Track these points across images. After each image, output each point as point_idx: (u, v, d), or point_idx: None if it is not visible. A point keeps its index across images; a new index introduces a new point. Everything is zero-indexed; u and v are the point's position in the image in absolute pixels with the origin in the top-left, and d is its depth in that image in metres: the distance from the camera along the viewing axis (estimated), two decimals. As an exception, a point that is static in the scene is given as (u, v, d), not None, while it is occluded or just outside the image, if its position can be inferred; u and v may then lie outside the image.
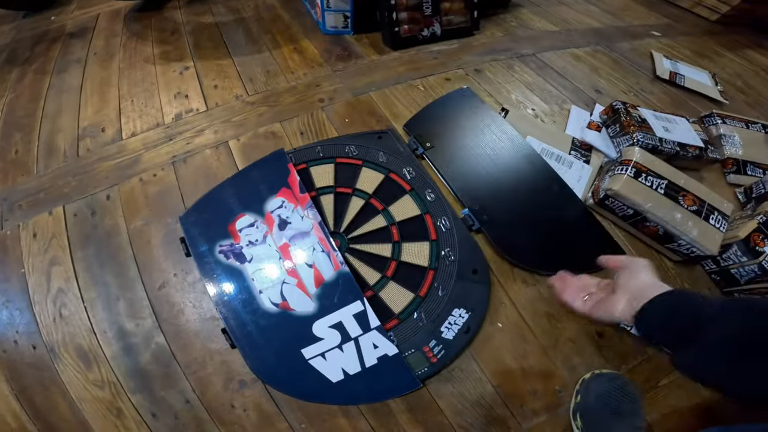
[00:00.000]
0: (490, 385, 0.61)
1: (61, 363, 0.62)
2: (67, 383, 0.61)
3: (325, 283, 0.59)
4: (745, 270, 0.66)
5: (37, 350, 0.63)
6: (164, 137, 0.83)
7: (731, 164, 0.85)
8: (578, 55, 1.06)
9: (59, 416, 0.60)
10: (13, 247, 0.72)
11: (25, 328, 0.65)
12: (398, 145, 0.75)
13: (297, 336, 0.56)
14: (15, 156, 0.85)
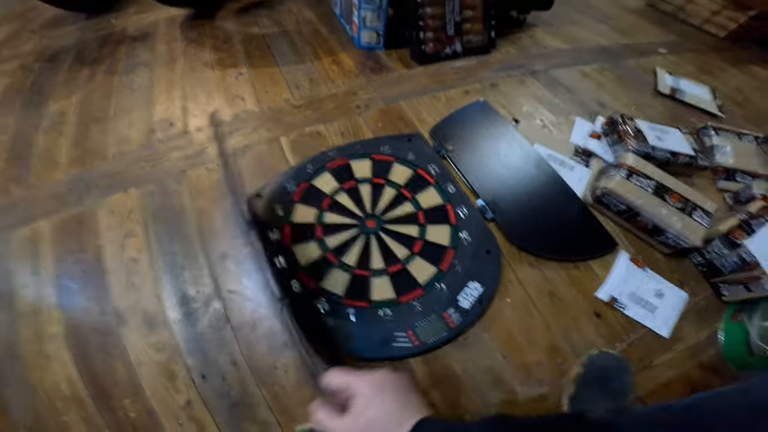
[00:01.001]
0: (499, 355, 0.70)
1: (127, 327, 0.69)
2: (129, 348, 0.67)
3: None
4: (727, 261, 0.76)
5: (105, 316, 0.70)
6: (225, 132, 0.97)
7: (721, 172, 0.95)
8: (585, 72, 1.18)
9: (115, 381, 0.65)
10: (89, 222, 0.81)
11: (96, 294, 0.72)
12: (425, 147, 0.89)
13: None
14: (92, 144, 0.97)
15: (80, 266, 0.76)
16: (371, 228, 0.77)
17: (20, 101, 1.11)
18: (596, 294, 0.76)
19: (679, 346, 0.74)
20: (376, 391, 0.42)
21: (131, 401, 0.65)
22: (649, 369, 0.69)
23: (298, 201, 0.80)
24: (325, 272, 0.72)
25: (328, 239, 0.75)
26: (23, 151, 0.97)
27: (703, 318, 0.77)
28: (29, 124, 1.04)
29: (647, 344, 0.73)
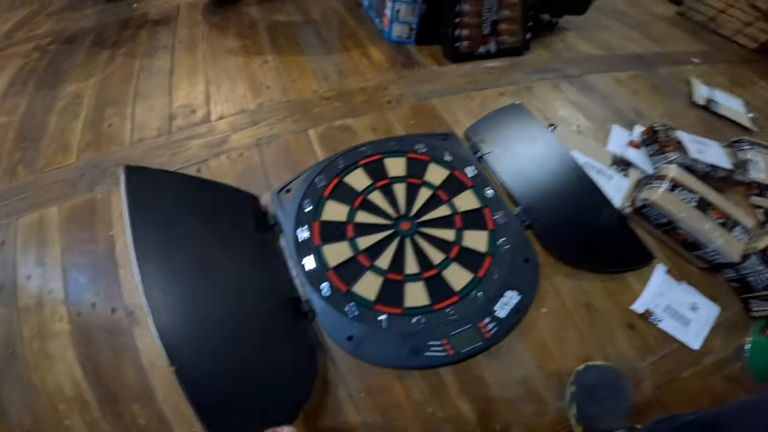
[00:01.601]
0: (533, 365, 0.68)
1: (139, 327, 0.65)
2: (142, 349, 0.64)
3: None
4: (761, 278, 0.75)
5: (115, 313, 0.66)
6: (249, 122, 0.93)
7: (755, 187, 0.93)
8: (620, 79, 1.15)
9: (124, 383, 0.62)
10: (102, 210, 0.78)
11: (106, 290, 0.68)
12: (460, 148, 0.86)
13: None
14: (108, 128, 0.94)
15: (90, 258, 0.73)
16: (405, 230, 0.73)
17: (33, 82, 1.08)
18: (632, 307, 0.74)
19: (707, 359, 0.72)
20: None
21: (141, 406, 0.62)
22: (677, 381, 0.68)
23: (328, 197, 0.76)
24: (356, 275, 0.68)
25: (360, 240, 0.72)
26: (33, 133, 0.93)
27: (732, 332, 0.76)
28: (42, 105, 1.01)
29: (677, 357, 0.72)
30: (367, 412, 0.63)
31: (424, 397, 0.65)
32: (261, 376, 0.61)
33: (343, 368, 0.66)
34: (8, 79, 1.10)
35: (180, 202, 0.69)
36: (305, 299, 0.67)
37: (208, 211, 0.71)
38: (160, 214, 0.65)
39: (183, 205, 0.69)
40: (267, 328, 0.64)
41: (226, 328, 0.62)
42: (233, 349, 0.61)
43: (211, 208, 0.71)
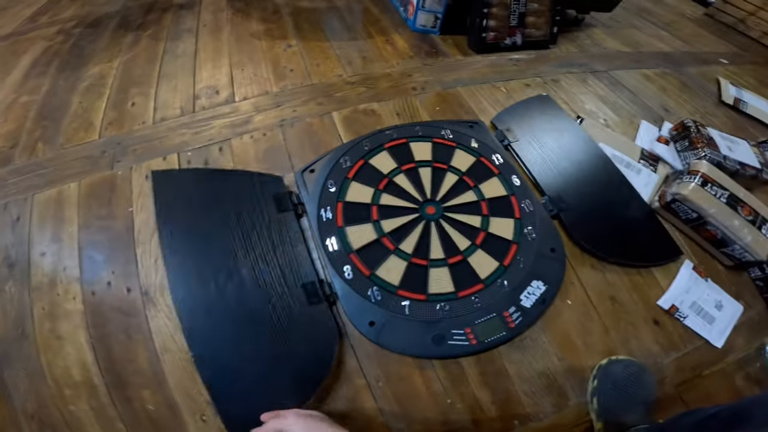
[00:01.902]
0: (555, 357, 0.67)
1: (154, 308, 0.64)
2: (155, 331, 0.63)
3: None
4: None
5: (131, 293, 0.65)
6: (273, 103, 0.93)
7: None
8: (648, 75, 1.13)
9: (135, 368, 0.61)
10: (123, 186, 0.77)
11: (123, 268, 0.67)
12: (487, 135, 0.84)
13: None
14: (131, 108, 0.93)
15: (108, 234, 0.71)
16: (431, 214, 0.72)
17: (57, 63, 1.07)
18: (658, 302, 0.73)
19: (729, 357, 0.71)
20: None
21: (151, 392, 0.60)
22: (698, 379, 0.68)
23: (353, 178, 0.75)
24: (379, 258, 0.67)
25: (384, 222, 0.70)
26: (55, 112, 0.93)
27: (755, 331, 0.75)
28: (65, 85, 1.00)
29: (700, 355, 0.71)
30: (384, 400, 0.62)
31: (444, 387, 0.63)
32: (276, 359, 0.61)
33: (362, 354, 0.64)
34: (31, 60, 1.10)
35: (201, 196, 0.72)
36: (327, 282, 0.66)
37: (228, 199, 0.72)
38: (184, 211, 0.69)
39: (204, 198, 0.71)
40: (285, 311, 0.63)
41: (243, 311, 0.63)
42: (249, 331, 0.62)
43: (231, 197, 0.72)
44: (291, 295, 0.65)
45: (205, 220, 0.69)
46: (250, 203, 0.72)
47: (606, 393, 0.61)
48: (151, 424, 0.59)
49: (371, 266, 0.66)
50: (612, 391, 0.61)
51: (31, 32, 1.24)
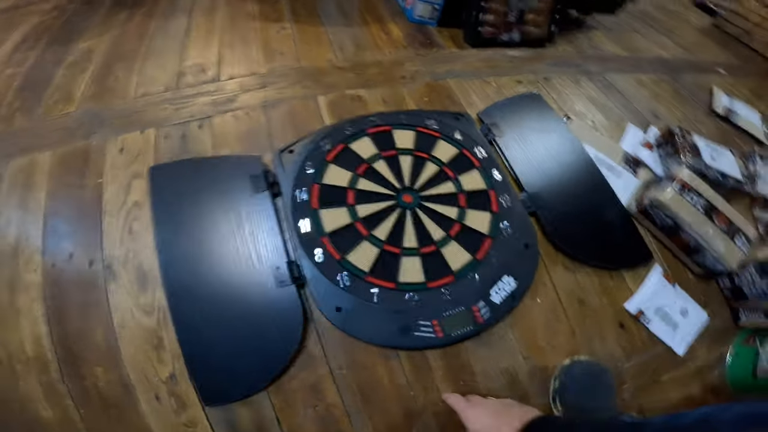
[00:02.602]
0: (520, 356, 0.66)
1: (115, 283, 0.62)
2: (114, 306, 0.61)
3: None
4: (756, 288, 0.75)
5: (93, 266, 0.63)
6: (259, 84, 0.91)
7: (761, 201, 0.91)
8: (642, 81, 1.12)
9: (89, 343, 0.59)
10: (95, 157, 0.75)
11: (86, 240, 0.65)
12: (472, 128, 0.84)
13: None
14: (114, 82, 0.91)
15: (74, 205, 0.69)
16: (408, 202, 0.71)
17: (47, 38, 1.05)
18: (625, 305, 0.74)
19: (688, 365, 0.73)
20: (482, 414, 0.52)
21: (104, 369, 0.59)
22: (656, 384, 0.69)
23: (331, 161, 0.74)
24: (352, 243, 0.66)
25: (360, 207, 0.70)
26: (37, 84, 0.90)
27: (716, 340, 0.76)
28: (51, 59, 0.97)
29: (661, 360, 0.72)
30: (346, 389, 0.62)
31: (408, 380, 0.63)
32: (245, 338, 0.60)
33: (327, 341, 0.64)
34: (22, 34, 1.07)
35: (185, 183, 0.71)
36: (296, 264, 0.65)
37: (207, 183, 0.71)
38: (171, 202, 0.69)
39: (187, 185, 0.71)
40: (255, 292, 0.63)
41: (216, 291, 0.62)
42: (221, 310, 0.61)
43: (211, 180, 0.72)
44: (261, 276, 0.64)
45: (190, 206, 0.69)
46: (227, 184, 0.71)
47: (567, 394, 0.62)
48: (102, 402, 0.58)
49: (343, 251, 0.65)
50: (573, 392, 0.61)
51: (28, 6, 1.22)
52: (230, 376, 0.59)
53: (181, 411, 0.59)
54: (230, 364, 0.59)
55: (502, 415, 0.50)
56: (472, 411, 0.53)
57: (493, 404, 0.53)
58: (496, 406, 0.53)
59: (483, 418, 0.51)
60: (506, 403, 0.54)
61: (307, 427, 0.60)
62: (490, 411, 0.52)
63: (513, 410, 0.51)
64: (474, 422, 0.52)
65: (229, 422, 0.59)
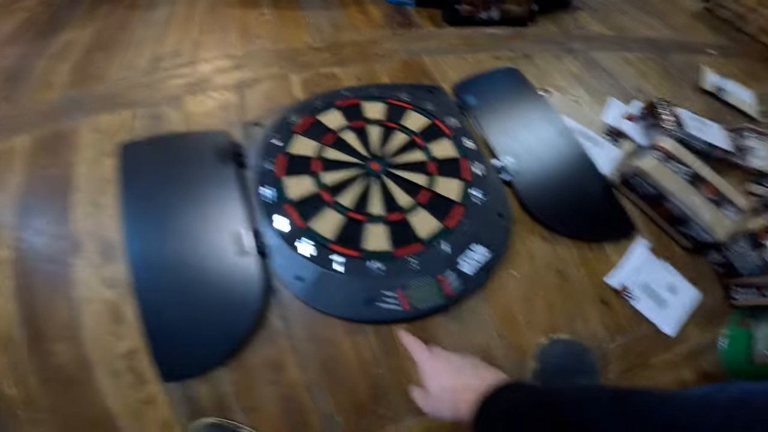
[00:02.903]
0: (495, 333, 0.63)
1: (80, 256, 0.63)
2: (78, 281, 0.61)
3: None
4: (748, 263, 0.70)
5: (60, 241, 0.64)
6: (234, 66, 0.91)
7: (753, 174, 0.88)
8: (628, 59, 1.10)
9: (53, 320, 0.59)
10: (69, 138, 0.76)
11: (56, 216, 0.66)
12: (445, 100, 0.82)
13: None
14: (94, 69, 0.92)
15: (47, 183, 0.70)
16: (375, 170, 0.70)
17: (32, 32, 1.06)
18: (607, 280, 0.70)
19: (680, 347, 0.68)
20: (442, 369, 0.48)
21: (66, 346, 0.58)
22: (644, 367, 0.65)
23: (299, 133, 0.73)
24: (315, 210, 0.65)
25: (325, 175, 0.68)
26: (21, 74, 0.92)
27: (709, 320, 0.71)
28: (35, 52, 0.99)
29: (649, 341, 0.68)
30: (309, 365, 0.60)
31: (375, 356, 0.61)
32: (205, 310, 0.59)
33: (290, 313, 0.62)
34: (9, 30, 1.09)
35: (153, 161, 0.71)
36: (258, 233, 0.63)
37: (176, 158, 0.71)
38: (139, 177, 0.69)
39: (156, 163, 0.70)
40: (216, 262, 0.61)
41: (178, 263, 0.61)
42: (183, 282, 0.60)
43: (179, 155, 0.71)
44: (222, 247, 0.62)
45: (157, 181, 0.68)
46: (193, 159, 0.71)
47: (547, 374, 0.58)
48: (64, 380, 0.57)
49: (306, 218, 0.64)
50: (553, 373, 0.58)
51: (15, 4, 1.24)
52: (189, 351, 0.57)
53: (140, 387, 0.57)
54: (189, 338, 0.58)
55: (462, 376, 0.45)
56: (431, 365, 0.49)
57: (456, 362, 0.48)
58: (459, 363, 0.48)
59: (441, 377, 0.47)
60: (471, 363, 0.48)
61: (268, 404, 0.58)
62: (452, 369, 0.47)
63: (477, 372, 0.46)
64: (430, 379, 0.47)
65: (188, 398, 0.57)
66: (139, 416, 0.56)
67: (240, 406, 0.57)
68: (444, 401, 0.45)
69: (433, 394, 0.46)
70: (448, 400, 0.44)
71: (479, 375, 0.45)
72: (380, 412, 0.59)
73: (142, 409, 0.56)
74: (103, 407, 0.56)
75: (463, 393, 0.43)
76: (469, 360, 0.49)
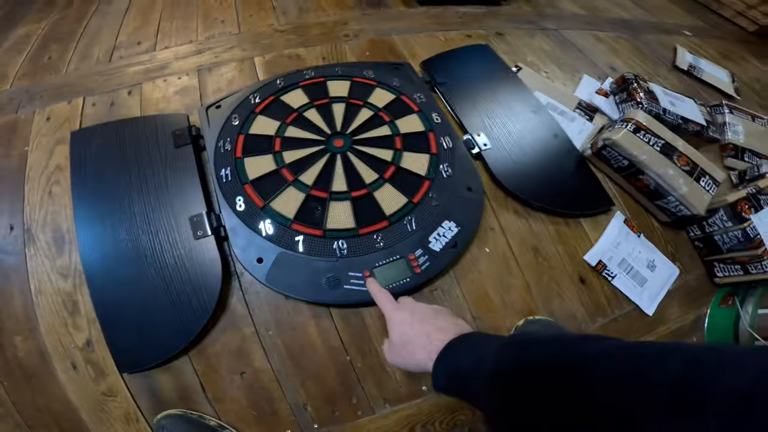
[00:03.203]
0: (469, 315, 0.61)
1: (33, 246, 0.62)
2: (32, 272, 0.60)
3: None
4: (729, 237, 0.68)
5: (13, 231, 0.63)
6: (194, 51, 0.88)
7: (730, 149, 0.87)
8: (600, 37, 1.08)
9: (8, 313, 0.58)
10: (23, 128, 0.75)
11: (9, 206, 0.65)
12: (413, 76, 0.79)
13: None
14: (47, 61, 0.89)
15: (1, 172, 0.70)
16: (338, 147, 0.67)
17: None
18: (584, 257, 0.68)
19: (661, 328, 0.66)
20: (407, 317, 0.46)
21: (23, 338, 0.57)
22: None
23: (260, 113, 0.70)
24: (276, 189, 0.61)
25: (286, 153, 0.65)
26: None
27: (691, 299, 0.70)
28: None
29: (630, 322, 0.66)
30: (274, 351, 0.57)
31: (343, 341, 0.58)
32: (161, 296, 0.56)
33: (251, 298, 0.60)
34: None
35: (105, 147, 0.68)
36: (215, 214, 0.60)
37: (130, 143, 0.68)
38: (91, 164, 0.66)
39: (108, 149, 0.67)
40: (172, 247, 0.59)
41: (132, 249, 0.58)
42: (137, 269, 0.57)
43: (134, 140, 0.68)
44: (178, 230, 0.59)
45: (109, 167, 0.66)
46: (149, 142, 0.68)
47: None
48: (22, 373, 0.56)
49: (265, 198, 0.61)
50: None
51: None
52: (146, 340, 0.55)
53: (100, 379, 0.56)
54: (146, 327, 0.55)
55: (425, 325, 0.44)
56: (396, 315, 0.47)
57: (420, 311, 0.46)
58: (423, 313, 0.46)
59: (404, 326, 0.45)
60: (437, 311, 0.47)
61: (235, 393, 0.56)
62: (415, 318, 0.45)
63: (440, 321, 0.44)
64: (395, 328, 0.46)
65: (150, 390, 0.55)
66: (101, 408, 0.55)
67: (205, 396, 0.55)
68: (405, 351, 0.44)
69: (395, 344, 0.45)
70: (409, 350, 0.43)
71: (442, 325, 0.43)
72: (353, 401, 0.57)
73: (104, 401, 0.55)
74: (64, 400, 0.55)
75: (422, 340, 0.42)
76: (435, 310, 0.47)
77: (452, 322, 0.45)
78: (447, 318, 0.46)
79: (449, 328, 0.43)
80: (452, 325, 0.44)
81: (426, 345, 0.42)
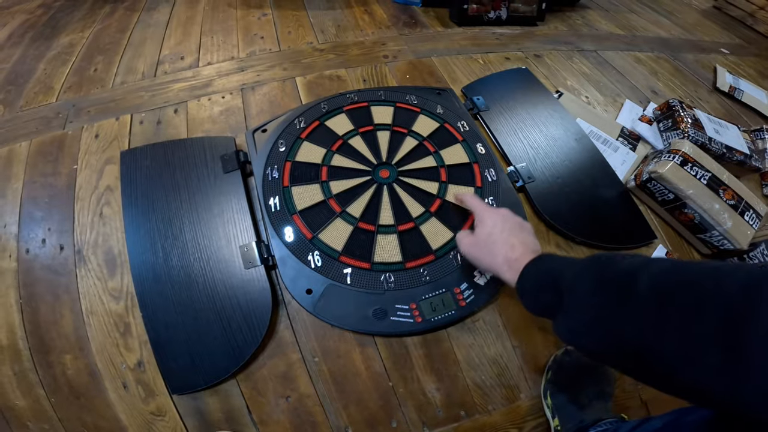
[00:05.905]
0: (510, 344, 0.61)
1: (84, 268, 0.62)
2: (83, 292, 0.61)
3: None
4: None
5: (63, 251, 0.64)
6: (237, 68, 0.89)
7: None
8: (640, 58, 1.07)
9: (58, 332, 0.59)
10: (71, 145, 0.76)
11: (59, 225, 0.66)
12: (455, 103, 0.79)
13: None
14: (93, 73, 0.91)
15: (49, 191, 0.70)
16: (384, 178, 0.67)
17: (32, 35, 1.06)
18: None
19: None
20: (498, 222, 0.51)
21: (73, 357, 0.58)
22: None
23: (305, 138, 0.70)
24: (324, 221, 0.62)
25: (333, 183, 0.66)
26: (20, 78, 0.91)
27: None
28: (35, 54, 0.98)
29: None
30: (320, 377, 0.58)
31: (386, 368, 0.59)
32: (211, 323, 0.57)
33: (299, 326, 0.60)
34: (8, 32, 1.08)
35: (155, 169, 0.69)
36: (265, 244, 0.61)
37: (179, 165, 0.69)
38: (143, 184, 0.68)
39: (158, 171, 0.69)
40: (222, 274, 0.60)
41: (183, 275, 0.60)
42: (188, 294, 0.58)
43: (183, 162, 0.69)
44: (229, 258, 0.60)
45: (160, 190, 0.67)
46: (197, 166, 0.69)
47: (560, 386, 0.56)
48: (71, 391, 0.57)
49: (314, 229, 0.61)
50: (566, 384, 0.56)
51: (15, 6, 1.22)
52: (197, 363, 0.56)
53: (150, 399, 0.57)
54: (197, 350, 0.56)
55: (512, 235, 0.48)
56: (489, 214, 0.51)
57: (512, 222, 0.51)
58: (514, 224, 0.50)
59: (496, 229, 0.49)
60: (524, 227, 0.51)
61: (279, 417, 0.57)
62: (506, 225, 0.50)
63: (528, 237, 0.49)
64: (485, 226, 0.50)
65: (198, 411, 0.57)
66: (149, 428, 0.56)
67: (251, 419, 0.56)
68: (487, 249, 0.49)
69: (480, 240, 0.50)
70: (491, 251, 0.48)
71: (527, 240, 0.48)
72: (393, 425, 0.57)
73: (152, 421, 0.56)
74: (113, 418, 0.56)
75: (505, 248, 0.47)
76: (522, 225, 0.52)
77: (535, 242, 0.49)
78: (531, 236, 0.50)
79: (532, 246, 0.47)
80: (535, 244, 0.48)
81: (508, 253, 0.46)
